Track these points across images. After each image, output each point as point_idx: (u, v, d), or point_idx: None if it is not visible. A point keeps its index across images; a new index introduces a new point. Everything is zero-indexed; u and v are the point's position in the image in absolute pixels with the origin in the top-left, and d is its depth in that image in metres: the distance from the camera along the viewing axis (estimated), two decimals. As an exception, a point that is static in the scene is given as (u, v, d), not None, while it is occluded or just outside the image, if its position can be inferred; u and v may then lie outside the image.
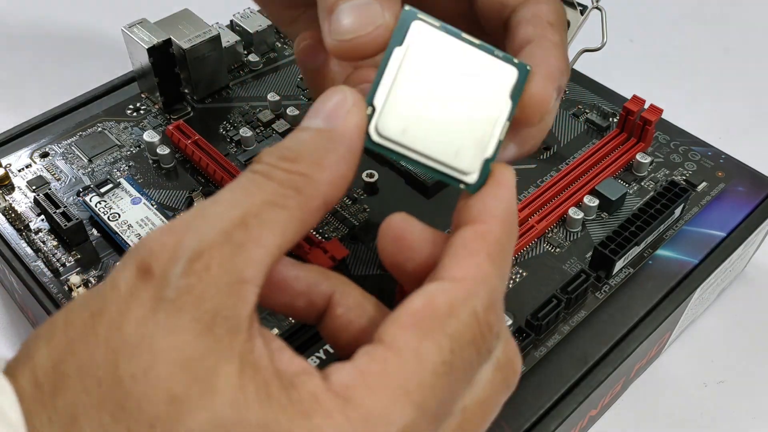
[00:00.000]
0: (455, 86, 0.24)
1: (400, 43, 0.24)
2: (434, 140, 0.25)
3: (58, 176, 0.42)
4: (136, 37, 0.43)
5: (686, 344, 0.42)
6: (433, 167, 0.25)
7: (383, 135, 0.24)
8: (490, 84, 0.25)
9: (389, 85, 0.24)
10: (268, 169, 0.21)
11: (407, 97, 0.24)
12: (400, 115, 0.24)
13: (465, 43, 0.24)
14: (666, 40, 0.63)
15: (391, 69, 0.24)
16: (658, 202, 0.38)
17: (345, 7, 0.24)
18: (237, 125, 0.45)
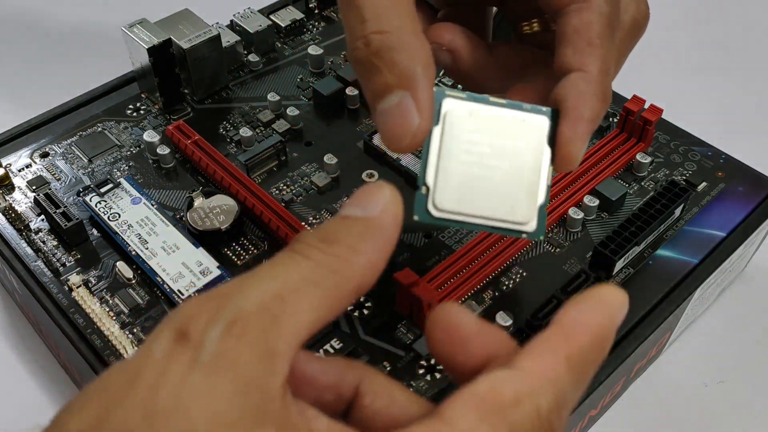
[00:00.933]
0: (495, 147, 0.26)
1: (437, 122, 0.26)
2: (488, 202, 0.26)
3: (58, 176, 0.42)
4: (136, 37, 0.43)
5: (686, 344, 0.42)
6: (493, 226, 0.27)
7: (441, 209, 0.26)
8: (527, 136, 0.26)
9: (435, 162, 0.26)
10: (307, 249, 0.22)
11: (455, 170, 0.26)
12: (452, 188, 0.26)
13: (494, 105, 0.26)
14: (666, 40, 0.63)
15: (434, 147, 0.26)
16: (658, 202, 0.38)
17: (381, 113, 0.26)
18: (237, 125, 0.45)
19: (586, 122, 0.26)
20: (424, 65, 0.25)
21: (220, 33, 0.45)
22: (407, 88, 0.25)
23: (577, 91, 0.26)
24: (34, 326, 0.43)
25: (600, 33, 0.26)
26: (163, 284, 0.36)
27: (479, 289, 0.36)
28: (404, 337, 0.35)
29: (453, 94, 0.26)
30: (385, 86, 0.26)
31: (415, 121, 0.25)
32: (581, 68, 0.26)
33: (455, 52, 0.29)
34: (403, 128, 0.25)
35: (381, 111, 0.26)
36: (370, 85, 0.26)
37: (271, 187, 0.41)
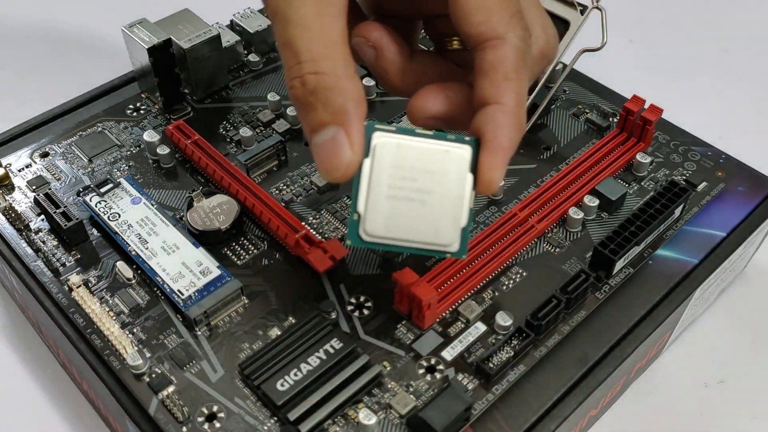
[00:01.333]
0: (421, 177, 0.29)
1: (368, 154, 0.29)
2: (415, 227, 0.29)
3: (58, 176, 0.42)
4: (136, 37, 0.43)
5: (686, 344, 0.42)
6: (419, 248, 0.29)
7: (371, 234, 0.29)
8: (450, 165, 0.29)
9: (366, 192, 0.29)
10: None
11: (384, 198, 0.29)
12: (381, 215, 0.29)
13: (420, 137, 0.29)
14: (666, 40, 0.63)
15: (365, 178, 0.29)
16: (658, 202, 0.38)
17: (317, 146, 0.28)
18: (237, 125, 0.45)
19: (504, 151, 0.29)
20: (356, 103, 0.28)
21: (220, 33, 0.45)
22: (340, 124, 0.28)
23: (495, 122, 0.29)
24: (34, 326, 0.43)
25: (515, 67, 0.29)
26: (163, 284, 0.36)
27: (479, 289, 0.36)
28: (404, 337, 0.35)
29: (382, 127, 0.29)
30: (320, 122, 0.28)
31: (347, 154, 0.28)
32: (498, 101, 0.29)
33: (379, 51, 0.31)
34: (337, 160, 0.28)
35: (316, 144, 0.28)
36: (306, 120, 0.29)
37: (271, 187, 0.41)
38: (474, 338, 0.34)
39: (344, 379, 0.32)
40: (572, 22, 0.42)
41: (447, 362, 0.34)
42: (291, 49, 0.28)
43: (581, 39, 0.42)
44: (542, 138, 0.44)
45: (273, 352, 0.33)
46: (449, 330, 0.35)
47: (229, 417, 0.32)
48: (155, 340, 0.34)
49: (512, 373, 0.33)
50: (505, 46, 0.29)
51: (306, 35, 0.28)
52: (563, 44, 0.42)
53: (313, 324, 0.34)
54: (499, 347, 0.33)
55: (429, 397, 0.32)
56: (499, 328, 0.35)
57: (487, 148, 0.29)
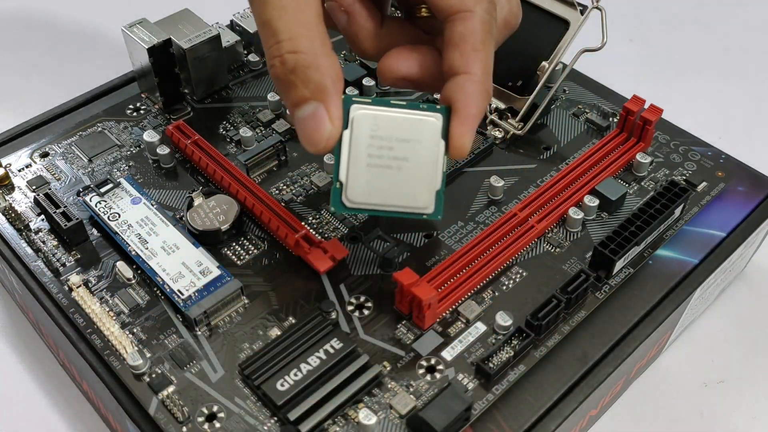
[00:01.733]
0: (398, 145, 0.31)
1: (346, 126, 0.31)
2: (393, 192, 0.31)
3: (58, 176, 0.42)
4: (136, 37, 0.43)
5: (686, 344, 0.42)
6: (398, 212, 0.32)
7: (353, 201, 0.32)
8: (424, 133, 0.31)
9: (347, 161, 0.31)
10: None
11: (363, 167, 0.31)
12: (361, 182, 0.31)
13: (395, 108, 0.31)
14: (666, 40, 0.63)
15: (345, 148, 0.31)
16: (658, 202, 0.38)
17: (299, 120, 0.30)
18: (237, 125, 0.45)
19: (473, 118, 0.31)
20: (333, 80, 0.30)
21: (220, 33, 0.45)
22: (320, 100, 0.30)
23: (465, 91, 0.31)
24: (34, 326, 0.43)
25: (482, 39, 0.31)
26: (163, 284, 0.36)
27: (479, 289, 0.36)
28: (404, 337, 0.35)
29: (359, 100, 0.31)
30: (302, 98, 0.30)
31: (327, 127, 0.30)
32: (467, 71, 0.31)
33: (351, 15, 0.33)
34: (318, 134, 0.30)
35: (298, 119, 0.30)
36: (288, 97, 0.30)
37: (271, 187, 0.41)
38: (474, 338, 0.34)
39: (344, 379, 0.32)
40: (572, 22, 0.42)
41: (447, 362, 0.34)
42: (270, 30, 0.30)
43: (581, 39, 0.42)
44: (542, 138, 0.44)
45: (273, 352, 0.33)
46: (449, 330, 0.35)
47: (229, 417, 0.32)
48: (155, 340, 0.34)
49: (512, 373, 0.33)
50: (474, 18, 0.31)
51: (284, 16, 0.29)
52: (563, 44, 0.42)
53: (313, 324, 0.34)
54: (499, 347, 0.33)
55: (429, 397, 0.32)
56: (499, 328, 0.35)
57: (458, 116, 0.31)
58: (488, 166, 0.43)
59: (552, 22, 0.43)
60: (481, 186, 0.41)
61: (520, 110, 0.43)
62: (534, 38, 0.43)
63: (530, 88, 0.43)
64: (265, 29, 0.30)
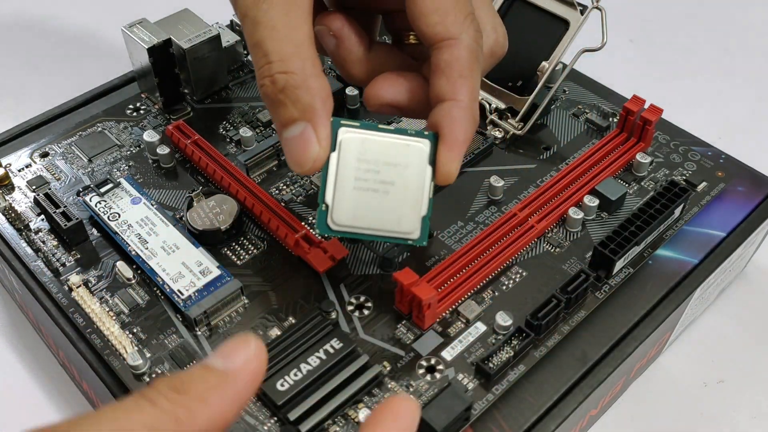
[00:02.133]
0: (384, 169, 0.31)
1: (334, 148, 0.31)
2: (379, 216, 0.31)
3: (58, 176, 0.42)
4: (136, 37, 0.43)
5: (686, 344, 0.42)
6: (383, 236, 0.31)
7: (338, 224, 0.31)
8: (411, 158, 0.31)
9: (333, 183, 0.31)
10: (156, 395, 0.22)
11: (349, 190, 0.31)
12: (347, 206, 0.31)
13: (383, 132, 0.31)
14: (666, 40, 0.63)
15: (332, 170, 0.31)
16: (658, 202, 0.38)
17: (287, 141, 0.30)
18: (237, 125, 0.45)
19: (460, 144, 0.31)
20: (323, 101, 0.30)
21: (220, 33, 0.45)
22: (308, 120, 0.30)
23: (451, 117, 0.31)
24: (34, 326, 0.43)
25: (468, 66, 0.31)
26: (163, 284, 0.36)
27: (479, 289, 0.36)
28: (404, 337, 0.35)
29: (347, 123, 0.31)
30: (290, 118, 0.30)
31: (315, 148, 0.30)
32: (454, 97, 0.31)
33: (340, 40, 0.33)
34: (306, 154, 0.30)
35: (286, 139, 0.30)
36: (277, 116, 0.30)
37: (270, 187, 0.41)
38: (474, 338, 0.34)
39: (344, 379, 0.32)
40: (572, 22, 0.42)
41: (447, 362, 0.34)
42: (261, 50, 0.30)
43: (581, 39, 0.42)
44: (542, 138, 0.44)
45: (273, 352, 0.33)
46: (449, 330, 0.35)
47: (229, 417, 0.32)
48: (155, 340, 0.34)
49: (512, 373, 0.33)
50: (460, 46, 0.30)
51: (275, 36, 0.29)
52: (563, 44, 0.42)
53: (313, 324, 0.34)
54: (499, 347, 0.33)
55: (429, 397, 0.32)
56: (499, 328, 0.35)
57: (445, 142, 0.31)
58: (488, 166, 0.43)
59: (552, 22, 0.43)
60: (481, 186, 0.41)
61: (520, 110, 0.43)
62: (534, 38, 0.43)
63: (530, 88, 0.43)
64: (256, 50, 0.30)
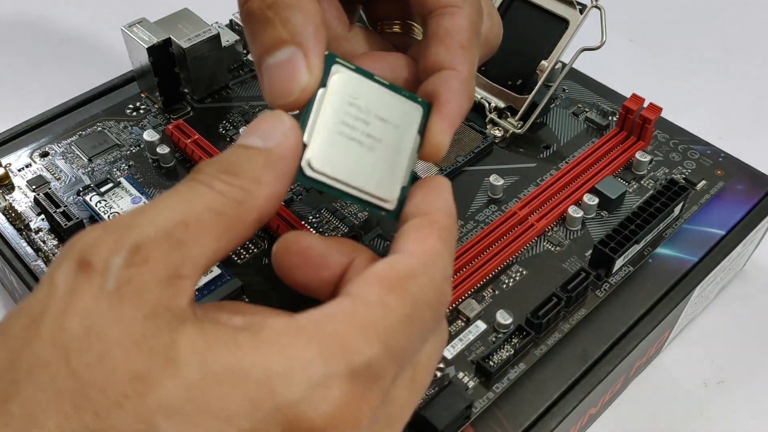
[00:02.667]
0: (374, 122, 0.27)
1: (324, 84, 0.26)
2: (358, 173, 0.27)
3: (58, 176, 0.42)
4: (136, 36, 0.43)
5: (686, 343, 0.43)
6: (358, 197, 0.27)
7: (315, 169, 0.26)
8: (402, 120, 0.27)
9: (316, 122, 0.26)
10: (209, 179, 0.22)
11: (333, 134, 0.26)
12: (327, 150, 0.26)
13: (377, 83, 0.27)
14: (665, 39, 0.63)
15: (317, 107, 0.26)
16: (658, 201, 0.38)
17: (270, 67, 0.26)
18: (237, 125, 0.45)
19: (455, 116, 0.28)
20: (317, 26, 0.26)
21: (220, 32, 0.45)
22: (299, 45, 0.25)
23: (450, 87, 0.27)
24: (34, 326, 0.43)
25: (469, 38, 0.28)
26: (163, 283, 0.36)
27: (479, 288, 0.36)
28: (404, 336, 0.35)
29: (343, 62, 0.27)
30: (278, 41, 0.25)
31: (304, 77, 0.25)
32: (453, 67, 0.28)
33: None
34: (293, 83, 0.25)
35: (270, 65, 0.26)
36: (261, 38, 0.26)
37: (271, 186, 0.41)
38: (474, 336, 0.34)
39: (345, 378, 0.32)
40: (571, 21, 0.42)
41: (447, 360, 0.34)
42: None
43: (580, 38, 0.42)
44: (542, 137, 0.44)
45: (273, 351, 0.33)
46: (450, 328, 0.35)
47: (230, 415, 0.32)
48: (156, 339, 0.34)
49: (513, 372, 0.33)
50: (462, 14, 0.28)
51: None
52: (563, 43, 0.42)
53: (313, 322, 0.34)
54: (500, 345, 0.33)
55: (430, 395, 0.32)
56: (499, 327, 0.35)
57: (440, 112, 0.27)
58: (488, 164, 0.43)
59: (551, 21, 0.43)
60: (480, 185, 0.41)
61: (519, 109, 0.43)
62: (533, 37, 0.43)
63: (530, 86, 0.43)
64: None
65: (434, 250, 0.24)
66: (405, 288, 0.23)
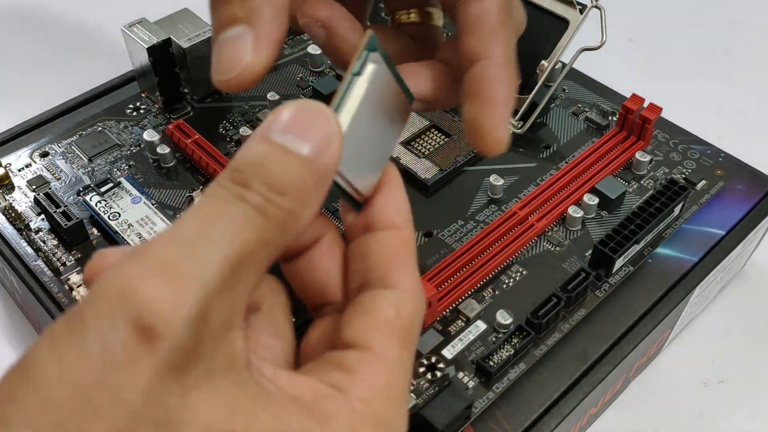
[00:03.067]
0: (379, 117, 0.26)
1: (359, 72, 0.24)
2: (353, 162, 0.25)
3: (58, 176, 0.42)
4: (136, 36, 0.43)
5: (686, 343, 0.43)
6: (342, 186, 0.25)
7: None
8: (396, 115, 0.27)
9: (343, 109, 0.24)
10: (263, 202, 0.20)
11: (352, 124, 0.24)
12: None
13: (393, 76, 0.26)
14: (666, 40, 0.63)
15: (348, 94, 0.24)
16: (658, 201, 0.38)
17: (219, 42, 0.25)
18: (237, 124, 0.45)
19: (502, 106, 0.26)
20: (276, 9, 0.25)
21: (220, 32, 0.45)
22: (251, 24, 0.25)
23: (488, 78, 0.26)
24: (34, 326, 0.43)
25: (500, 19, 0.27)
26: (163, 283, 0.36)
27: (479, 288, 0.36)
28: (404, 336, 0.35)
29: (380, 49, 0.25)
30: (232, 17, 0.25)
31: (247, 56, 0.25)
32: (488, 56, 0.27)
33: (330, 29, 0.29)
34: (234, 61, 0.25)
35: (220, 40, 0.25)
36: (218, 14, 0.26)
37: (271, 186, 0.41)
38: (474, 336, 0.35)
39: (345, 378, 0.32)
40: (571, 20, 0.42)
41: (447, 360, 0.34)
42: None
43: (581, 38, 0.42)
44: (542, 137, 0.44)
45: (273, 351, 0.33)
46: (449, 328, 0.35)
47: (230, 415, 0.32)
48: (156, 339, 0.34)
49: (513, 372, 0.33)
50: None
51: None
52: (563, 43, 0.42)
53: (313, 322, 0.34)
54: (500, 345, 0.33)
55: (429, 395, 0.32)
56: (499, 327, 0.35)
57: (485, 106, 0.26)
58: (488, 164, 0.43)
59: (551, 21, 0.43)
60: (480, 185, 0.41)
61: (519, 109, 0.43)
62: (533, 37, 0.43)
63: (530, 86, 0.43)
64: None
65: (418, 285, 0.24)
66: (412, 339, 0.23)
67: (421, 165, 0.42)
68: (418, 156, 0.42)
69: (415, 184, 0.41)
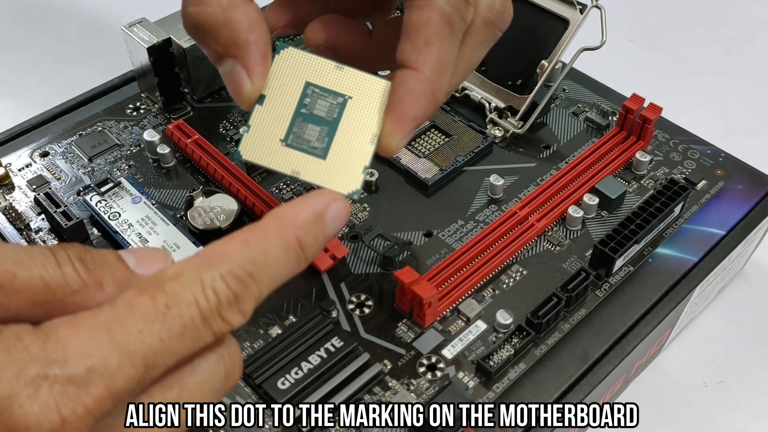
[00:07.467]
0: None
1: None
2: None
3: (58, 175, 0.42)
4: (136, 36, 0.43)
5: (686, 343, 0.43)
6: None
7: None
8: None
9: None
10: None
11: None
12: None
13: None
14: (666, 40, 0.63)
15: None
16: (658, 201, 0.38)
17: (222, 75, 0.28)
18: (237, 124, 0.45)
19: (408, 120, 0.27)
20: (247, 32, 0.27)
21: (220, 32, 0.45)
22: (235, 57, 0.27)
23: (406, 88, 0.27)
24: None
25: (438, 33, 0.27)
26: (163, 283, 0.36)
27: (479, 288, 0.36)
28: (405, 336, 0.35)
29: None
30: (217, 55, 0.27)
31: (246, 87, 0.27)
32: (415, 66, 0.27)
33: (336, 47, 0.30)
34: (239, 93, 0.27)
35: (222, 74, 0.28)
36: (206, 51, 0.28)
37: (271, 186, 0.41)
38: (474, 336, 0.35)
39: (345, 378, 0.32)
40: (571, 20, 0.42)
41: (447, 360, 0.34)
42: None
43: (580, 38, 0.42)
44: (542, 137, 0.44)
45: (274, 351, 0.33)
46: (450, 328, 0.35)
47: (230, 415, 0.32)
48: (156, 338, 0.34)
49: (513, 371, 0.33)
50: (431, 8, 0.27)
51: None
52: (563, 43, 0.42)
53: (314, 323, 0.34)
54: (500, 345, 0.33)
55: (430, 395, 0.32)
56: (499, 327, 0.35)
57: (391, 113, 0.27)
58: (488, 164, 0.43)
59: (551, 21, 0.43)
60: (481, 185, 0.41)
61: (519, 109, 0.43)
62: (533, 37, 0.43)
63: (530, 86, 0.43)
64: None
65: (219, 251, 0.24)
66: (161, 288, 0.22)
67: (421, 165, 0.42)
68: (418, 156, 0.42)
69: (415, 184, 0.41)
